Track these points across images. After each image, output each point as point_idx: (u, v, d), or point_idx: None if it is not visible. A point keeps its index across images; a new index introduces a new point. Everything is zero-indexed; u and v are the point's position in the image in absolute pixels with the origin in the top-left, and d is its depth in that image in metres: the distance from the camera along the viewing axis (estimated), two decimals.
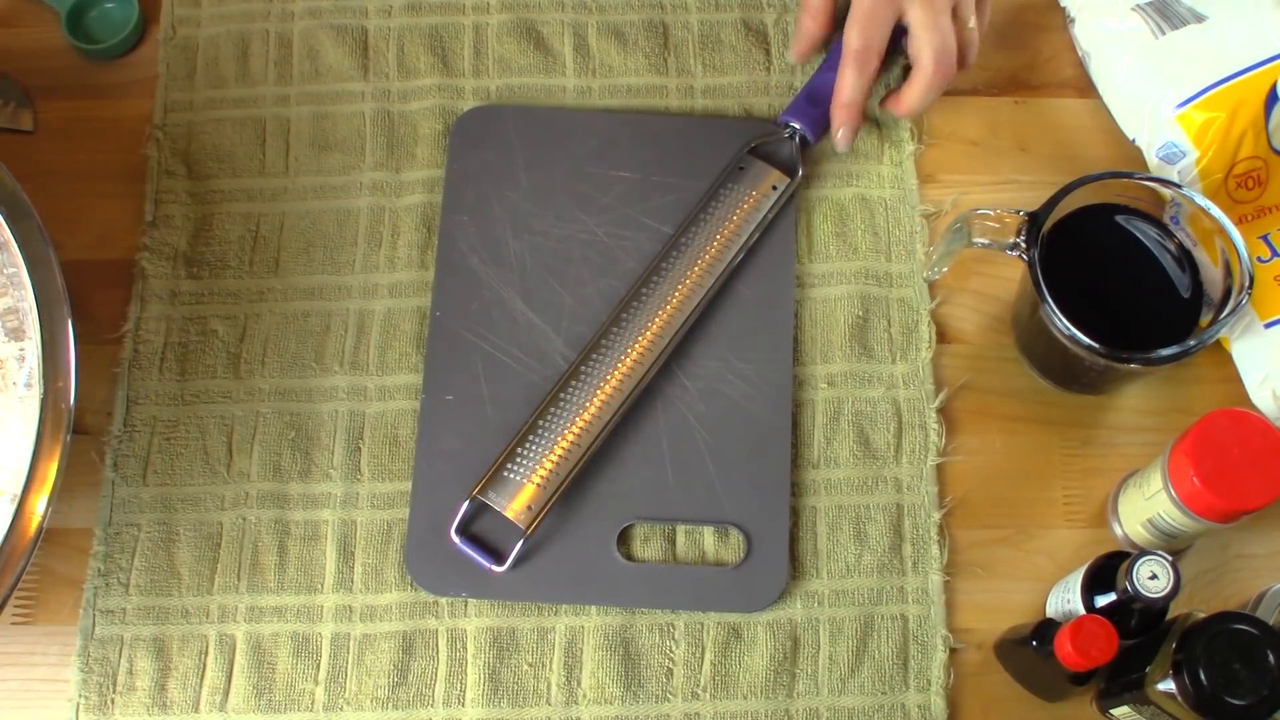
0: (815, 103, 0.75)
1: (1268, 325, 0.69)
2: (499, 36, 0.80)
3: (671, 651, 0.68)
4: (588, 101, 0.78)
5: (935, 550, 0.69)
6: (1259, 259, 0.70)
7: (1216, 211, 0.63)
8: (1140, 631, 0.60)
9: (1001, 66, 0.79)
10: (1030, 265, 0.64)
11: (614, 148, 0.76)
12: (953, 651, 0.68)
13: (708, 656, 0.67)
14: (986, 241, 0.65)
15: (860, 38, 0.70)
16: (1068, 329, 0.62)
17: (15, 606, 0.68)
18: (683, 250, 0.73)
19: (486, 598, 0.68)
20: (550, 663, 0.67)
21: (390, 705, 0.67)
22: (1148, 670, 0.58)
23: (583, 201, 0.75)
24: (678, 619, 0.68)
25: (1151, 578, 0.57)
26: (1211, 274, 0.65)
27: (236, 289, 0.74)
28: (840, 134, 0.73)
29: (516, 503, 0.68)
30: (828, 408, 0.72)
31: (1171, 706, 0.57)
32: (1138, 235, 0.67)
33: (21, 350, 0.64)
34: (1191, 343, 0.62)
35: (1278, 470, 0.59)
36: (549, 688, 0.67)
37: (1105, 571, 0.61)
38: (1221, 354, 0.72)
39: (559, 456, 0.68)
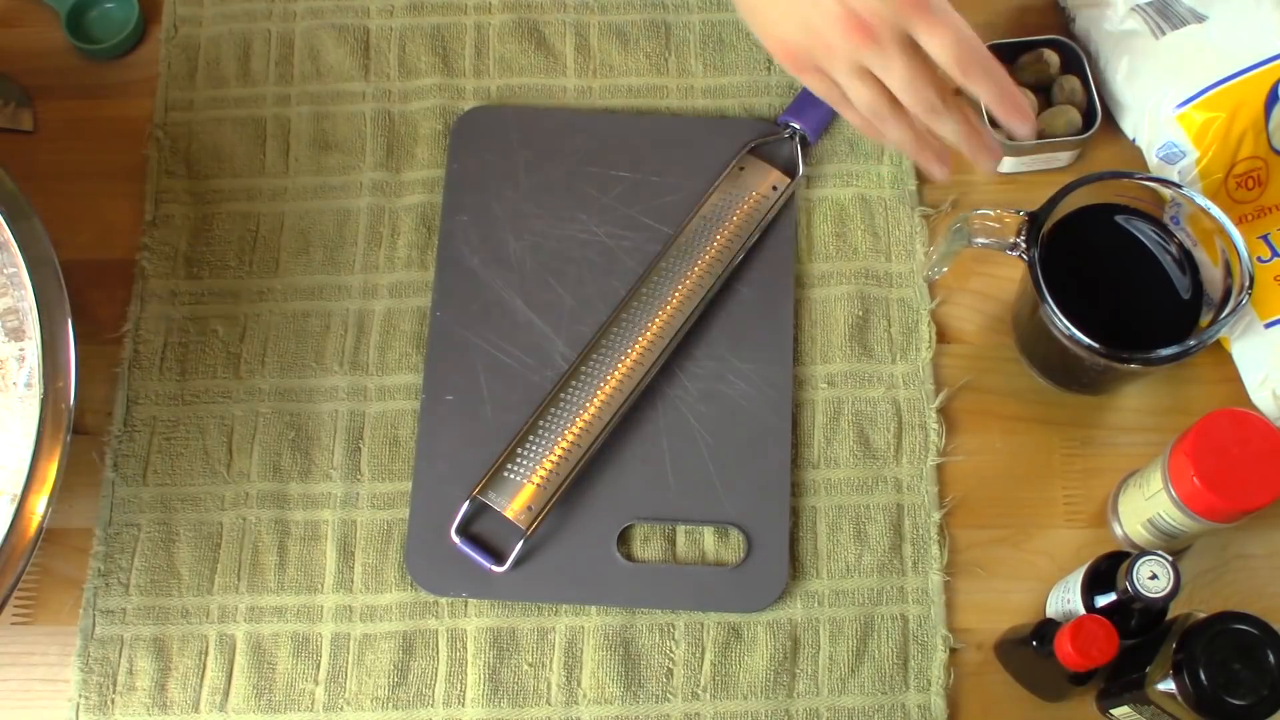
0: (815, 103, 0.75)
1: (1268, 325, 0.69)
2: (500, 36, 0.80)
3: (671, 651, 0.67)
4: (588, 101, 0.78)
5: (935, 550, 0.69)
6: (1259, 259, 0.70)
7: (1216, 211, 0.63)
8: (1140, 631, 0.60)
9: None
10: (1030, 265, 0.64)
11: (614, 148, 0.76)
12: (953, 651, 0.67)
13: (708, 656, 0.67)
14: (986, 241, 0.65)
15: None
16: (1068, 329, 0.62)
17: (15, 606, 0.68)
18: (683, 250, 0.73)
19: (486, 598, 0.68)
20: (550, 663, 0.67)
21: (390, 705, 0.67)
22: (1148, 670, 0.58)
23: (583, 201, 0.75)
24: (678, 619, 0.68)
25: (1151, 578, 0.57)
26: (1211, 274, 0.65)
27: (236, 289, 0.74)
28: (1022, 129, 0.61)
29: (516, 503, 0.68)
30: (828, 408, 0.72)
31: (1171, 706, 0.57)
32: (1138, 235, 0.67)
33: (21, 350, 0.64)
34: (1191, 343, 0.62)
35: (1278, 470, 0.59)
36: (549, 688, 0.67)
37: (1105, 571, 0.61)
38: (1221, 354, 0.72)
39: (559, 457, 0.68)
